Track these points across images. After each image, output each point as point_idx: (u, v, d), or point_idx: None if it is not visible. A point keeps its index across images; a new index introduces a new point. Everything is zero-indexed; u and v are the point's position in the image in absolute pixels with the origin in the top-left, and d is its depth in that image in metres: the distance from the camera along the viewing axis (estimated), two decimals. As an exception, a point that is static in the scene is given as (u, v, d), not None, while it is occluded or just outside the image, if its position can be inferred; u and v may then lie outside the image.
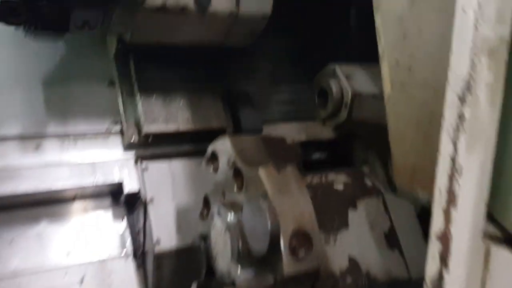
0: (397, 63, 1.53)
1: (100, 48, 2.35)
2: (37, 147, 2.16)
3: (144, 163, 2.29)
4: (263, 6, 1.98)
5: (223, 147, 1.75)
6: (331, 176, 1.95)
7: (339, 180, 1.95)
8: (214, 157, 1.87)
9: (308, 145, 2.61)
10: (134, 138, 2.27)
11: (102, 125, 2.31)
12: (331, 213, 1.76)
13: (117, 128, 2.32)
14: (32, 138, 2.16)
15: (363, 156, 2.51)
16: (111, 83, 2.37)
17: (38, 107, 2.21)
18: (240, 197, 1.67)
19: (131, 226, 2.42)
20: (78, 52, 2.33)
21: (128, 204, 2.39)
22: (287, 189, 1.50)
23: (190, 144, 2.40)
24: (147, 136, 2.24)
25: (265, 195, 1.51)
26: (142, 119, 2.22)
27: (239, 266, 1.61)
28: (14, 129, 2.14)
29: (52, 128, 2.21)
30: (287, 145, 2.04)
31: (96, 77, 2.35)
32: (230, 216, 1.67)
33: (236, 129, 2.46)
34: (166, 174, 2.30)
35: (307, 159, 2.59)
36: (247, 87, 2.63)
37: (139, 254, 2.30)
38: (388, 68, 1.57)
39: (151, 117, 2.23)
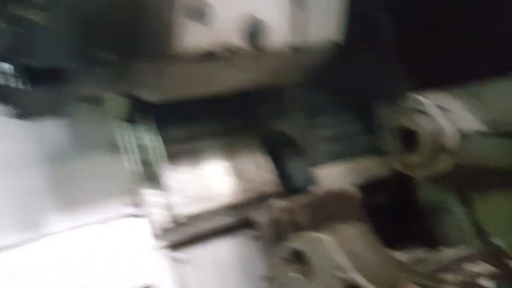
0: None
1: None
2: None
3: (182, 254, 1.70)
4: (331, 32, 1.41)
5: (317, 247, 1.18)
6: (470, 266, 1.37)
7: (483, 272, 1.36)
8: (298, 257, 1.29)
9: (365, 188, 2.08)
10: (164, 223, 1.68)
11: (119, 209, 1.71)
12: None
13: (140, 211, 1.73)
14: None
15: (435, 198, 1.99)
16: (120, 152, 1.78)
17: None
18: None
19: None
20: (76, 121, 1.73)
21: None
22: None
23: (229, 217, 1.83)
24: (178, 219, 1.65)
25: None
26: (174, 198, 1.63)
27: None
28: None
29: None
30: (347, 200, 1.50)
31: (102, 147, 1.74)
32: None
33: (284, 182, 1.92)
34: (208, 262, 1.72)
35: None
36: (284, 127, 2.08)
37: None
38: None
39: (182, 194, 1.65)
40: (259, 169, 1.88)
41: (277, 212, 1.68)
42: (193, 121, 1.78)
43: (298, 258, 1.31)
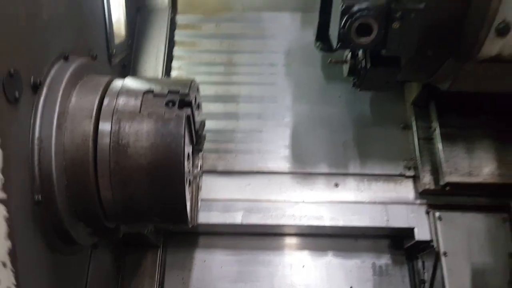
0: None
1: (395, 95, 2.39)
2: (337, 185, 2.31)
3: (438, 212, 2.18)
4: None
5: None
6: None
7: None
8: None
9: None
10: (430, 185, 2.20)
11: (396, 169, 2.32)
12: None
13: (411, 173, 2.29)
14: (333, 176, 2.32)
15: None
16: (406, 127, 2.37)
17: (339, 149, 2.37)
18: None
19: (412, 274, 2.35)
20: (376, 97, 2.41)
21: (410, 250, 2.33)
22: None
23: (488, 198, 2.20)
24: (446, 185, 2.13)
25: None
26: (443, 167, 2.12)
27: None
28: (318, 168, 2.33)
29: (351, 169, 2.33)
30: None
31: (392, 121, 2.38)
32: None
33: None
34: (462, 228, 2.15)
35: None
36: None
37: (424, 306, 2.20)
38: None
39: (453, 166, 2.12)
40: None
41: None
42: (470, 113, 2.22)
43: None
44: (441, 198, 2.22)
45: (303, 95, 2.49)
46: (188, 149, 1.55)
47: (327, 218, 2.25)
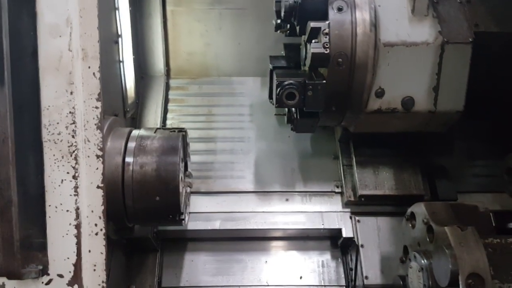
0: None
1: (328, 134, 3.37)
2: (287, 200, 3.23)
3: (357, 217, 3.10)
4: (456, 104, 2.64)
5: (420, 210, 2.43)
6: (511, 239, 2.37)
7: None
8: (412, 217, 2.55)
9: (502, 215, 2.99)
10: (351, 198, 3.12)
11: (329, 187, 3.25)
12: (507, 268, 2.18)
13: (339, 190, 3.22)
14: (285, 193, 3.24)
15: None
16: (335, 158, 3.32)
17: (288, 174, 3.31)
18: (431, 247, 2.30)
19: (345, 264, 3.23)
20: (315, 136, 3.38)
21: (343, 247, 3.21)
22: (466, 243, 2.08)
23: (393, 206, 3.13)
24: (361, 197, 3.05)
25: (449, 246, 2.12)
26: (358, 184, 3.06)
27: (429, 298, 2.22)
28: (274, 187, 3.26)
29: (297, 188, 3.26)
30: (476, 212, 2.54)
31: (326, 153, 3.35)
32: (424, 261, 2.31)
33: (433, 197, 3.07)
34: (373, 227, 3.06)
35: (503, 227, 2.97)
36: (444, 161, 3.22)
37: (352, 286, 3.06)
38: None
39: (364, 183, 3.05)
40: (415, 182, 3.11)
41: (427, 207, 2.87)
42: (379, 147, 3.18)
43: (412, 217, 2.55)
44: (359, 207, 3.14)
45: (263, 135, 3.46)
46: (181, 174, 2.47)
47: (281, 223, 3.14)
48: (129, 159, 2.38)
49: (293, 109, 2.91)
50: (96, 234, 1.96)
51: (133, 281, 3.08)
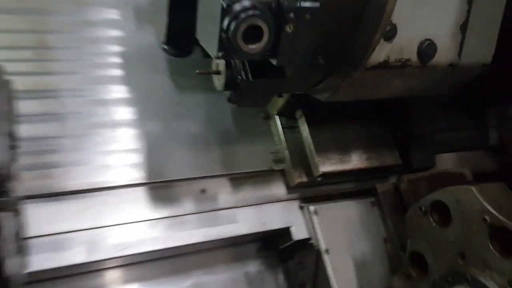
0: None
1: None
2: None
3: (312, 206, 2.01)
4: (485, 53, 1.69)
5: (465, 197, 1.43)
6: None
7: None
8: (436, 207, 1.55)
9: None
10: (301, 179, 1.99)
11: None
12: None
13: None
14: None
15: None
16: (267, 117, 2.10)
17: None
18: (500, 264, 1.33)
19: (287, 276, 2.15)
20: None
21: (283, 251, 2.11)
22: None
23: (355, 183, 2.13)
24: (319, 176, 1.95)
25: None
26: (315, 158, 1.94)
27: None
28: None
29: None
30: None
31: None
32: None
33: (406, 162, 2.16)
34: (337, 220, 2.02)
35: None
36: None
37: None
38: None
39: (326, 156, 1.95)
40: (387, 149, 2.13)
41: (402, 182, 1.97)
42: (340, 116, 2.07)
43: (436, 209, 1.56)
44: (311, 189, 2.05)
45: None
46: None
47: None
48: None
49: (237, 62, 1.54)
50: None
51: None
